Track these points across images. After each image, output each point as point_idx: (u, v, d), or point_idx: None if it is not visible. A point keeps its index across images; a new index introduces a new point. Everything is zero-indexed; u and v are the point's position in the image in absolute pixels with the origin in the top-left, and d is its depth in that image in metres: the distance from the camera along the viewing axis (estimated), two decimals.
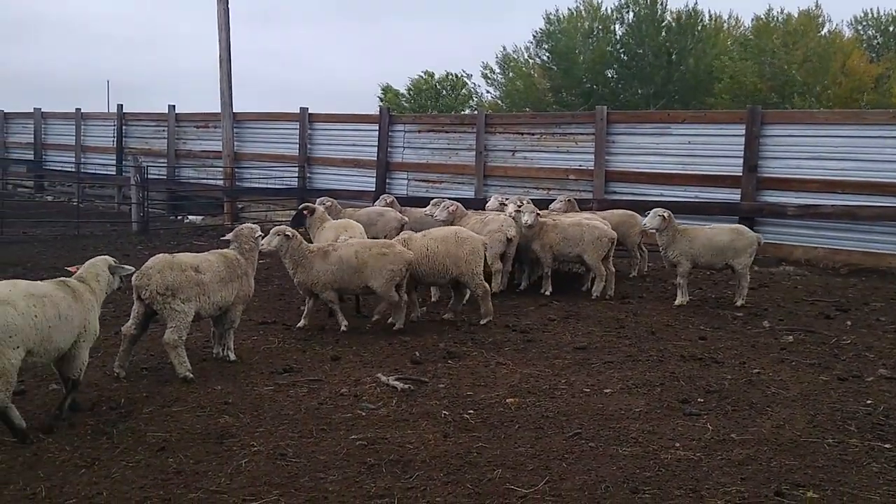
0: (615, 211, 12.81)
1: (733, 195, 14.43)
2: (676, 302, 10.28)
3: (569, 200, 13.11)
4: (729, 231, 10.41)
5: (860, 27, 42.61)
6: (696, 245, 10.13)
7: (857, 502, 4.58)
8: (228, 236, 7.91)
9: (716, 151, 14.79)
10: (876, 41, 42.48)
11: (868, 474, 4.99)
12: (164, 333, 6.89)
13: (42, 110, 27.93)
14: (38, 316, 5.41)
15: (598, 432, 5.74)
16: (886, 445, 5.47)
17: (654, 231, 10.31)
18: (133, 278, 6.78)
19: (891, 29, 41.90)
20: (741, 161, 14.36)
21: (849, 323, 9.34)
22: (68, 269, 6.47)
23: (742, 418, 6.06)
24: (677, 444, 5.50)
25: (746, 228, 10.84)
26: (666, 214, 10.13)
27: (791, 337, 8.58)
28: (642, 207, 14.40)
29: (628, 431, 5.75)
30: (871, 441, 5.56)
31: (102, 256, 6.51)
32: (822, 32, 36.54)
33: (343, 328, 8.72)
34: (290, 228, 8.89)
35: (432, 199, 12.31)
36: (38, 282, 5.85)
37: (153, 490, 4.75)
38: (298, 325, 8.90)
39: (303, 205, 11.10)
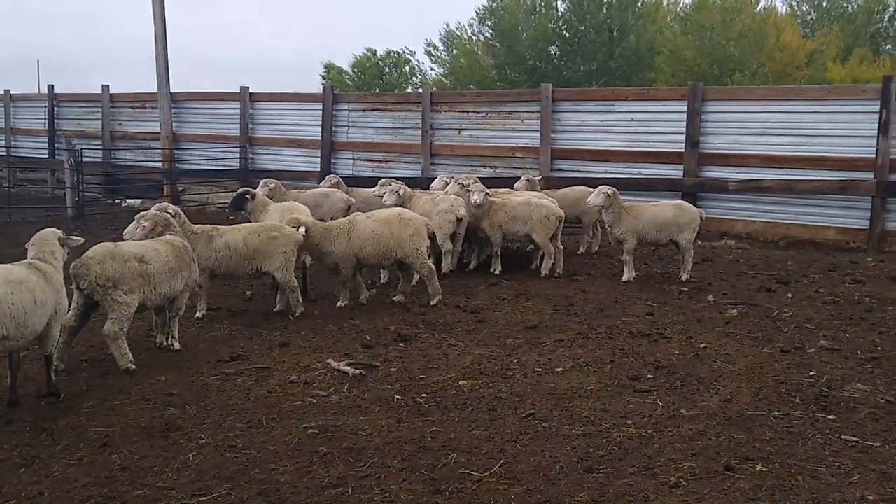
0: (575, 188, 12.82)
1: (676, 171, 14.63)
2: (623, 278, 10.39)
3: (528, 179, 13.00)
4: (672, 207, 10.53)
5: (794, 3, 43.44)
6: (642, 222, 10.22)
7: (805, 475, 4.67)
8: (146, 224, 7.54)
9: (659, 128, 14.97)
10: (810, 17, 43.37)
11: (814, 446, 5.10)
12: (104, 324, 6.66)
13: None
14: (14, 304, 5.42)
15: (552, 412, 5.76)
16: (830, 416, 5.60)
17: (599, 208, 10.35)
18: (71, 267, 6.53)
19: (824, 4, 42.82)
20: (684, 137, 14.56)
21: (789, 295, 9.56)
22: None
23: (690, 393, 6.14)
24: (629, 422, 5.55)
25: (689, 204, 10.99)
26: (611, 192, 10.19)
27: (735, 311, 8.74)
28: (588, 184, 14.51)
29: (581, 410, 5.78)
30: (815, 413, 5.68)
31: (50, 229, 6.30)
32: (758, 9, 37.11)
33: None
34: (172, 206, 8.49)
35: (379, 179, 12.19)
36: (11, 266, 5.73)
37: (97, 488, 4.59)
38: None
39: (242, 189, 10.77)
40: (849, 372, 6.61)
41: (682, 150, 14.53)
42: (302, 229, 8.71)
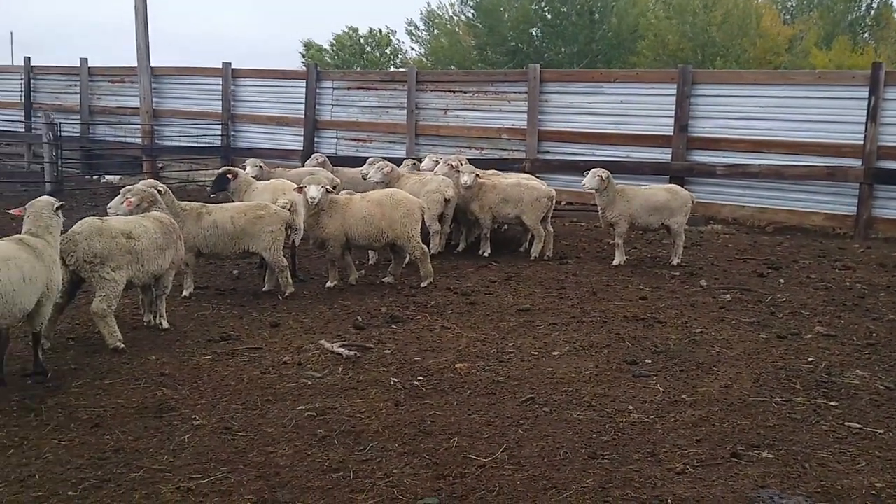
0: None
1: (664, 155, 14.58)
2: (614, 262, 10.33)
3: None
4: (665, 191, 10.48)
5: None
6: (634, 205, 10.15)
7: (812, 462, 4.64)
8: (132, 199, 7.31)
9: (648, 111, 14.88)
10: (790, 2, 43.47)
11: (818, 433, 5.07)
12: (91, 301, 6.48)
13: None
14: (2, 280, 5.25)
15: (551, 397, 5.68)
16: (832, 403, 5.58)
17: (592, 191, 10.26)
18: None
19: None
20: (672, 121, 14.50)
21: (781, 281, 9.56)
22: (10, 211, 6.02)
23: (690, 379, 6.10)
24: (630, 407, 5.49)
25: (681, 188, 10.94)
26: (604, 175, 10.10)
27: (728, 296, 8.72)
28: (575, 167, 14.49)
29: (581, 395, 5.71)
30: (816, 399, 5.66)
31: (45, 198, 6.08)
32: None
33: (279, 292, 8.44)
34: (161, 184, 8.30)
35: (363, 158, 12.01)
36: (2, 242, 5.53)
37: (90, 470, 4.45)
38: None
39: (224, 167, 10.48)
40: (847, 358, 6.60)
41: (671, 133, 14.47)
42: (315, 190, 8.54)
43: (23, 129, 22.93)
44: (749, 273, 10.03)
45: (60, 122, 18.16)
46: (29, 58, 23.87)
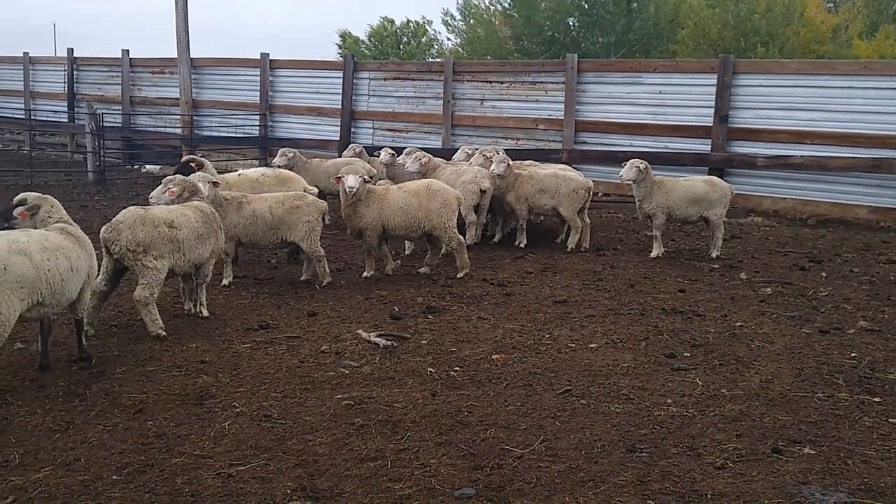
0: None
1: (704, 146, 14.39)
2: (652, 254, 10.24)
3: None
4: (704, 183, 10.34)
5: None
6: (673, 197, 10.04)
7: (854, 458, 4.57)
8: (174, 189, 7.40)
9: (687, 101, 14.69)
10: None
11: (861, 429, 4.99)
12: (134, 289, 6.60)
13: None
14: (51, 270, 5.38)
15: (589, 389, 5.66)
16: (875, 399, 5.48)
17: (630, 182, 10.16)
18: (102, 231, 6.45)
19: None
20: (712, 111, 14.30)
21: (823, 274, 9.39)
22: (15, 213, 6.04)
23: (730, 373, 6.02)
24: (669, 401, 5.44)
25: (720, 179, 10.78)
26: (643, 166, 9.99)
27: (769, 289, 8.59)
28: (612, 158, 14.38)
29: (618, 388, 5.68)
30: (859, 395, 5.56)
31: (44, 196, 6.08)
32: None
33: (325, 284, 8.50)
34: (213, 176, 8.38)
35: (399, 149, 12.04)
36: (47, 232, 5.66)
37: (133, 455, 4.54)
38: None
39: (187, 157, 10.30)
40: (891, 354, 6.46)
41: (711, 124, 14.27)
42: (353, 180, 8.57)
43: (66, 120, 23.33)
44: (790, 266, 9.87)
45: (102, 113, 18.46)
46: (72, 49, 24.29)
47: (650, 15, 36.68)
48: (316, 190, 9.87)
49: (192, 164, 9.81)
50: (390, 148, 11.99)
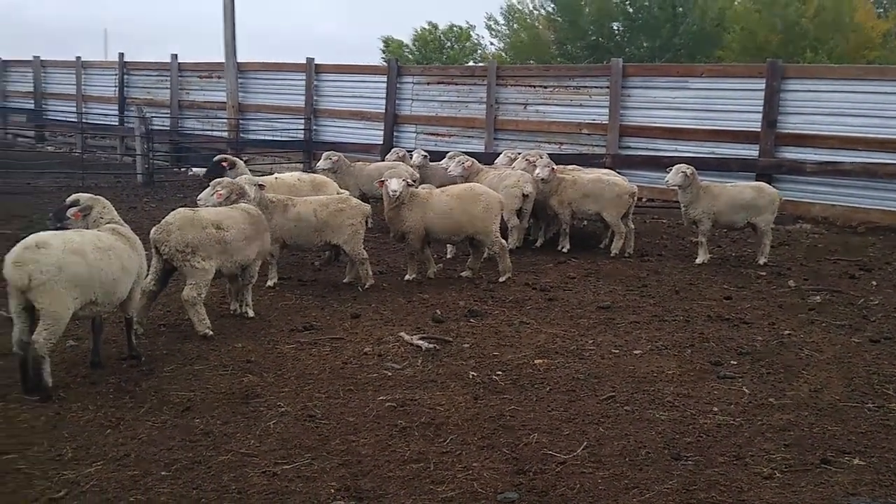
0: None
1: (751, 151, 14.16)
2: (698, 260, 10.11)
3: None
4: (751, 188, 10.20)
5: None
6: (720, 203, 9.91)
7: None
8: (221, 191, 7.52)
9: (734, 106, 14.46)
10: None
11: None
12: (182, 289, 6.72)
13: (41, 58, 27.35)
14: (103, 269, 5.51)
15: (633, 395, 5.61)
16: None
17: (676, 188, 10.05)
18: (152, 232, 6.59)
19: None
20: (760, 116, 14.05)
21: (874, 283, 9.19)
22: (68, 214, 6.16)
23: (778, 382, 5.93)
24: (715, 409, 5.37)
25: (768, 185, 10.63)
26: (689, 171, 9.88)
27: (818, 297, 8.43)
28: (657, 163, 14.23)
29: (663, 395, 5.62)
30: None
31: (96, 197, 6.24)
32: None
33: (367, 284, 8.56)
34: (258, 179, 8.46)
35: (443, 153, 12.10)
36: (99, 232, 5.81)
37: (182, 452, 4.62)
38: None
39: (220, 156, 10.37)
40: None
41: (759, 129, 14.03)
42: (397, 183, 8.63)
43: (116, 123, 23.85)
44: (840, 274, 9.67)
45: (151, 116, 18.84)
46: (123, 54, 24.88)
47: (696, 19, 36.27)
48: (347, 193, 9.94)
49: (224, 164, 9.96)
50: (424, 151, 12.05)
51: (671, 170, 9.99)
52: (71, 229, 5.82)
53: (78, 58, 26.08)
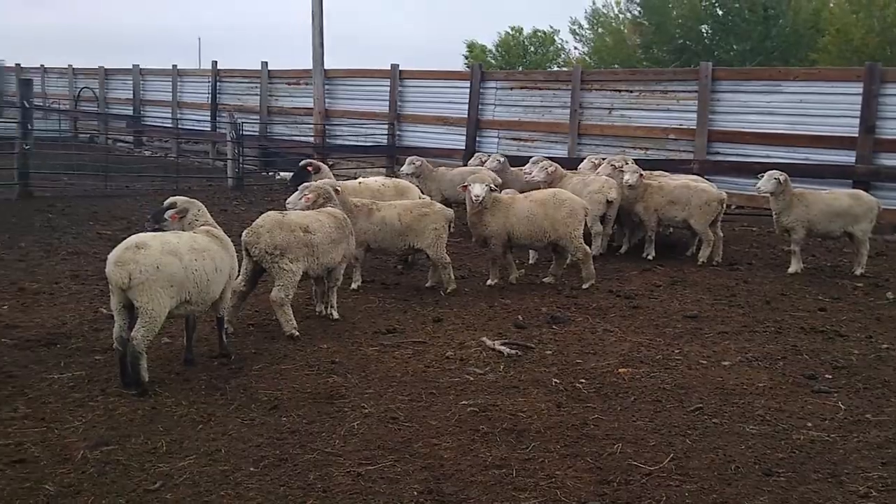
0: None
1: (848, 157, 13.60)
2: (790, 270, 9.77)
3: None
4: (848, 196, 9.81)
5: None
6: (814, 211, 9.56)
7: None
8: (309, 195, 7.67)
9: (829, 111, 13.94)
10: None
11: None
12: (270, 291, 6.90)
13: (140, 67, 28.55)
14: (198, 270, 5.71)
15: (721, 408, 5.46)
16: None
17: (768, 195, 9.73)
18: (243, 235, 6.80)
19: None
20: (857, 121, 13.50)
21: None
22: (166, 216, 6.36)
23: (875, 397, 5.68)
24: (809, 424, 5.18)
25: (865, 193, 10.21)
26: (782, 178, 9.57)
27: None
28: (748, 169, 13.82)
29: (753, 408, 5.45)
30: None
31: (192, 200, 6.47)
32: None
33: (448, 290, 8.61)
34: (337, 183, 8.59)
35: (524, 158, 12.05)
36: (195, 234, 6.02)
37: (269, 449, 4.74)
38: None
39: (305, 161, 10.55)
40: None
41: (856, 134, 13.48)
42: (480, 188, 8.65)
43: (209, 129, 24.67)
44: None
45: (242, 122, 19.43)
46: (216, 62, 25.73)
47: (788, 22, 35.14)
48: (428, 199, 10.02)
49: (310, 169, 10.17)
50: (503, 155, 12.04)
51: (763, 176, 9.69)
52: (168, 231, 6.04)
53: (174, 66, 27.11)
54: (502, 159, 12.29)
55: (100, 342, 6.59)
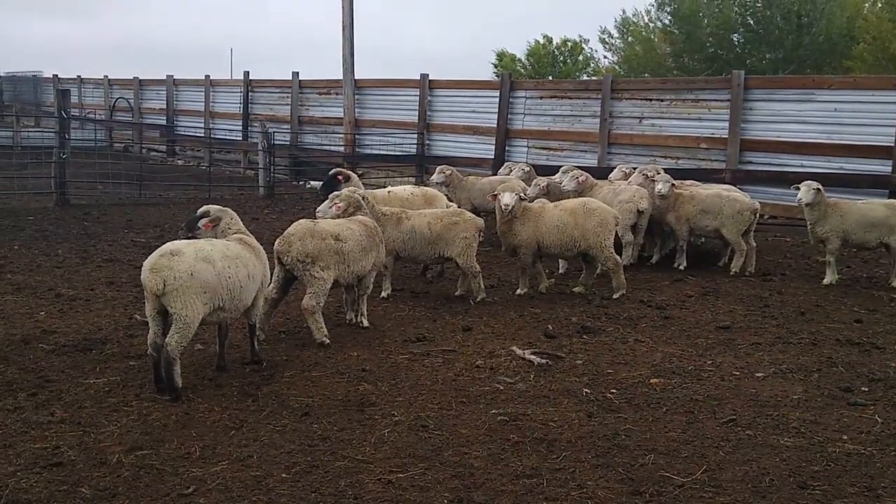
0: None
1: (884, 167, 13.39)
2: (825, 281, 9.63)
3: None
4: (884, 206, 9.64)
5: None
6: (849, 221, 9.42)
7: None
8: (340, 204, 7.73)
9: (865, 120, 13.73)
10: None
11: None
12: (302, 298, 6.95)
13: (174, 77, 28.96)
14: (231, 277, 5.77)
15: (755, 420, 5.39)
16: None
17: (806, 205, 9.59)
18: (276, 243, 6.86)
19: None
20: (894, 130, 13.29)
21: None
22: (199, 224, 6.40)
23: None
24: (844, 437, 5.10)
25: None
26: (820, 188, 9.44)
27: None
28: (781, 179, 13.67)
29: (788, 420, 5.38)
30: None
31: (224, 209, 6.55)
32: None
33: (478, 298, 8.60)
34: (362, 191, 8.64)
35: (554, 167, 12.04)
36: (228, 242, 6.09)
37: (301, 455, 4.76)
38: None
39: (335, 169, 10.60)
40: None
41: (892, 144, 13.27)
42: (510, 197, 8.67)
43: (240, 138, 24.94)
44: None
45: (273, 132, 19.62)
46: (248, 72, 26.05)
47: (821, 30, 34.73)
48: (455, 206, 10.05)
49: (340, 178, 10.25)
50: (529, 165, 12.05)
51: (800, 187, 9.56)
52: (202, 239, 6.12)
53: (207, 76, 27.46)
54: (527, 168, 12.25)
55: (134, 348, 6.68)
